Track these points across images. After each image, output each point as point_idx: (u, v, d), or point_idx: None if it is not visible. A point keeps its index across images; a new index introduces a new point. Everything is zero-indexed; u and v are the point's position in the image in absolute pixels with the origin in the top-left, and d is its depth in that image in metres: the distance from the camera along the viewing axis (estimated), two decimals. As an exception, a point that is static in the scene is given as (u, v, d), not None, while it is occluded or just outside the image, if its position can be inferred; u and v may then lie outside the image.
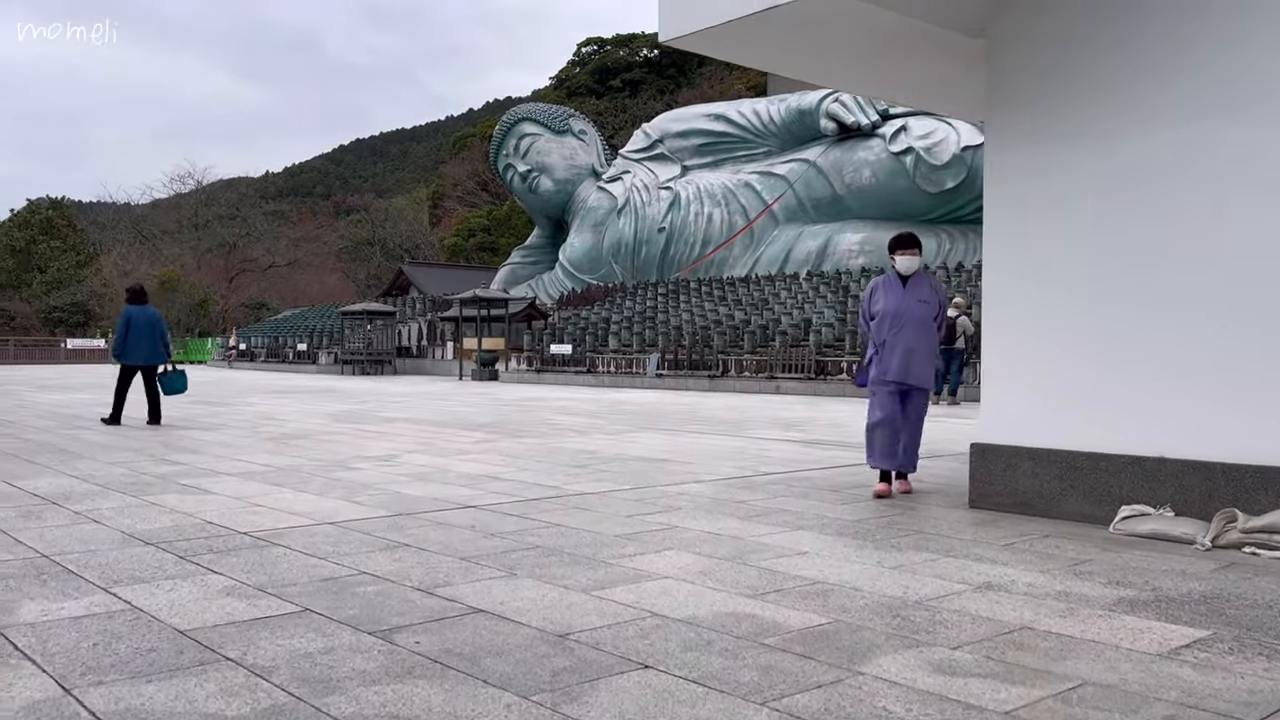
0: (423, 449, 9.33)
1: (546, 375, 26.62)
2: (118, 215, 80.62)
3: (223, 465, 7.94)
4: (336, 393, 21.23)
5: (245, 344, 45.65)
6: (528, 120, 47.20)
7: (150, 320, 12.08)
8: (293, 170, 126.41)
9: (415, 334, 38.50)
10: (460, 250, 67.45)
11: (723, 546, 4.76)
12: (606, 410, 15.58)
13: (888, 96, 7.30)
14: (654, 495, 6.44)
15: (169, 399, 13.66)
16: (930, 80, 6.62)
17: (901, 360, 6.37)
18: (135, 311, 12.03)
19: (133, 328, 11.92)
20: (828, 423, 13.03)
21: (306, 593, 3.85)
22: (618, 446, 9.66)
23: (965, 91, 6.60)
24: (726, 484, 6.99)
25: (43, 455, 8.65)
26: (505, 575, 4.15)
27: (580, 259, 43.03)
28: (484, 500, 6.19)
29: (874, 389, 6.54)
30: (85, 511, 5.68)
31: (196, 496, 6.28)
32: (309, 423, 12.49)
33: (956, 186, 30.77)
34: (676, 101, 67.25)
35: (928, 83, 6.66)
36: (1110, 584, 4.10)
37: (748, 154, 39.74)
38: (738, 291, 30.17)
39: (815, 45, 6.25)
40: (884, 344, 6.44)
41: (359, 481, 7.02)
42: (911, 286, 6.48)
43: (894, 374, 6.40)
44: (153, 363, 12.10)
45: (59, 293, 60.80)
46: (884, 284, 6.60)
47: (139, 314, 12.03)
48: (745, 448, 9.66)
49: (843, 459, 8.69)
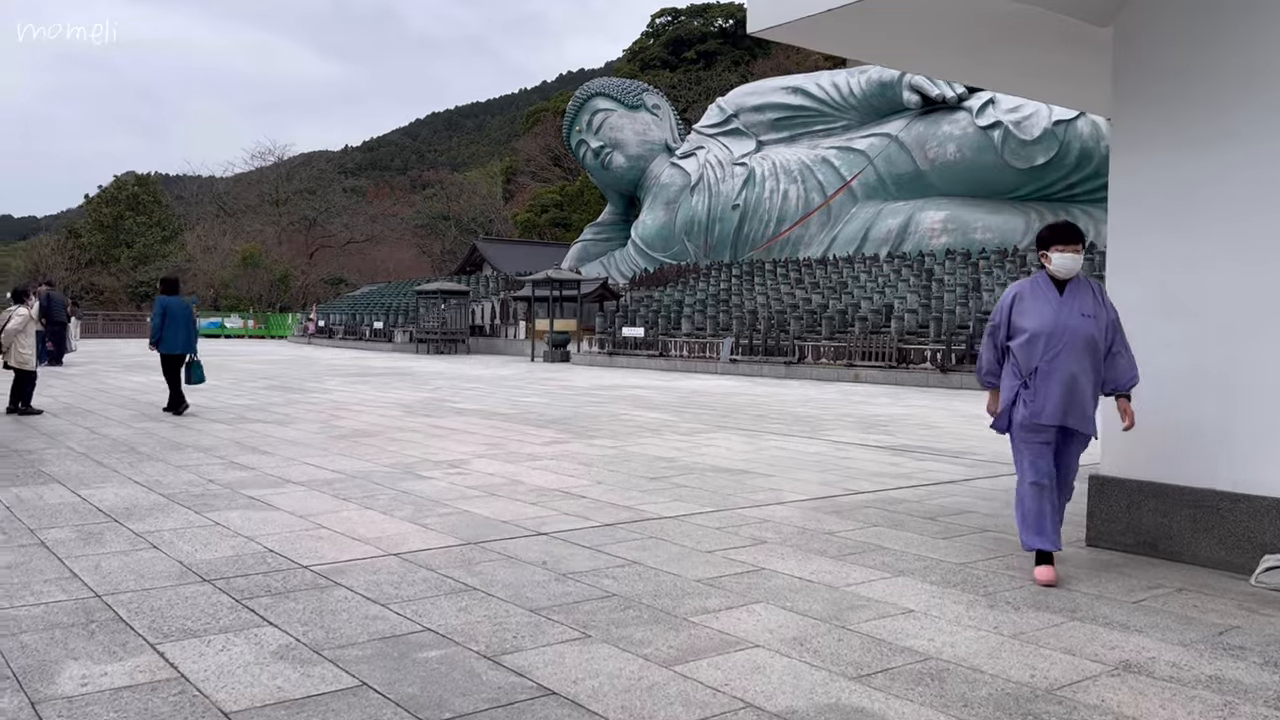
0: (492, 452, 9.04)
1: (619, 359, 26.30)
2: (201, 190, 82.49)
3: (291, 471, 7.75)
4: (410, 376, 21.21)
5: (324, 320, 46.32)
6: (601, 95, 46.69)
7: (185, 310, 12.25)
8: (370, 144, 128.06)
9: (488, 313, 38.53)
10: (533, 226, 67.47)
11: (816, 600, 4.32)
12: (680, 402, 15.18)
13: (996, 86, 6.69)
14: (735, 522, 6.02)
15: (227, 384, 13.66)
16: (1047, 70, 6.00)
17: (1062, 396, 4.68)
18: (172, 301, 12.16)
19: (170, 317, 12.04)
20: (914, 422, 12.44)
21: (365, 658, 3.53)
22: (693, 452, 9.25)
23: (1085, 82, 5.97)
24: (813, 508, 6.53)
25: (114, 455, 8.58)
26: (579, 637, 3.78)
27: (652, 236, 42.54)
28: (555, 525, 5.84)
29: (1023, 437, 4.81)
30: (146, 533, 5.47)
31: (261, 514, 6.06)
32: (381, 415, 12.33)
33: (1047, 162, 29.45)
34: (751, 73, 66.03)
35: (1044, 72, 6.05)
36: (1267, 665, 3.57)
37: (825, 128, 38.70)
38: (815, 273, 29.40)
39: (921, 34, 5.69)
40: (1035, 373, 4.73)
41: (427, 496, 6.73)
42: (1071, 294, 4.77)
43: (1052, 415, 4.71)
44: (188, 351, 12.22)
45: (145, 267, 62.48)
46: (1031, 290, 4.84)
47: (175, 303, 12.17)
48: (827, 455, 9.17)
49: (935, 473, 8.15)
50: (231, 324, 55.29)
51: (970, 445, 10.01)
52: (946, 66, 6.34)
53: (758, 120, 41.29)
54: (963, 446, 9.91)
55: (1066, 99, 6.90)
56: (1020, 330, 4.82)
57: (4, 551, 5.03)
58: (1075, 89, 6.27)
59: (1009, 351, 4.90)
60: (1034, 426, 4.76)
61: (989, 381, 5.07)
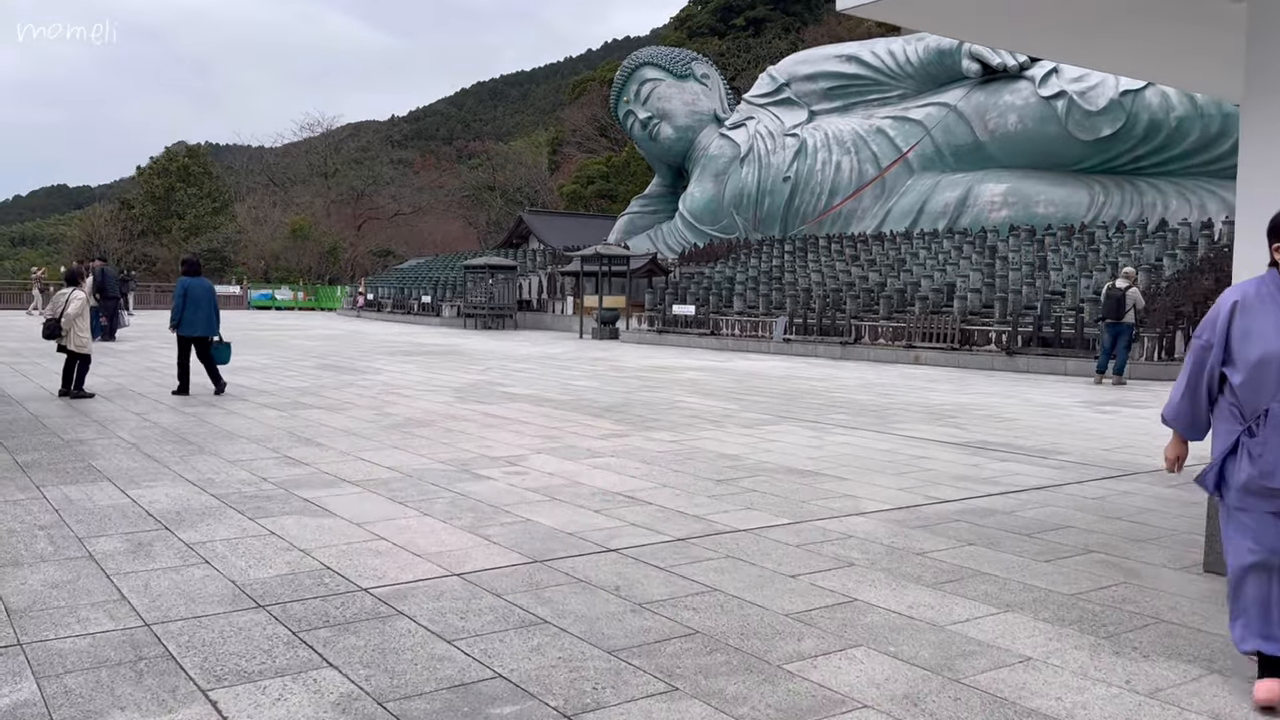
0: (550, 446, 8.73)
1: (668, 336, 25.90)
2: (250, 160, 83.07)
3: (346, 468, 7.49)
4: (459, 355, 21.01)
5: (373, 294, 46.42)
6: (649, 65, 45.93)
7: (207, 291, 12.15)
8: (416, 114, 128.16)
9: (535, 287, 38.29)
10: (579, 198, 67.02)
11: (922, 644, 3.92)
12: (736, 387, 14.77)
13: (1107, 68, 6.15)
14: (816, 537, 5.63)
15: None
16: (1168, 50, 5.46)
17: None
18: (193, 283, 12.07)
19: (190, 298, 11.96)
20: (985, 413, 11.91)
21: (433, 713, 3.21)
22: (758, 448, 8.86)
23: (1212, 63, 5.42)
24: (897, 520, 6.11)
25: (165, 446, 8.40)
26: (665, 690, 3.43)
27: (700, 209, 41.89)
28: (624, 539, 5.50)
29: (1244, 503, 3.48)
30: (197, 544, 5.22)
31: (316, 520, 5.79)
32: (432, 401, 12.09)
33: (1114, 134, 28.34)
34: (802, 40, 64.66)
35: (1164, 53, 5.50)
36: None
37: (880, 98, 37.70)
38: (871, 250, 28.65)
39: (1029, 10, 5.19)
40: (1265, 417, 3.41)
41: (486, 500, 6.43)
42: None
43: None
44: (209, 334, 12.15)
45: (196, 239, 63.03)
46: (1259, 298, 3.50)
47: (196, 285, 12.08)
48: (900, 453, 8.72)
49: (1021, 477, 7.68)
50: (282, 296, 55.69)
51: (1052, 442, 9.50)
52: (1053, 47, 5.82)
53: (810, 89, 40.35)
54: (1044, 443, 9.41)
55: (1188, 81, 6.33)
56: (1244, 356, 3.46)
57: (52, 566, 4.80)
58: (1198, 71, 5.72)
59: (1224, 382, 3.57)
60: (1264, 491, 3.41)
61: (1181, 421, 3.73)
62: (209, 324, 12.13)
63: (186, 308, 11.96)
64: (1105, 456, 8.70)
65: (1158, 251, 20.67)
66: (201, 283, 12.17)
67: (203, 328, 12.07)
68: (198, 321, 12.02)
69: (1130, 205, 28.20)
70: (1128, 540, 5.67)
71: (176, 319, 12.01)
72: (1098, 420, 11.27)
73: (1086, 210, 28.60)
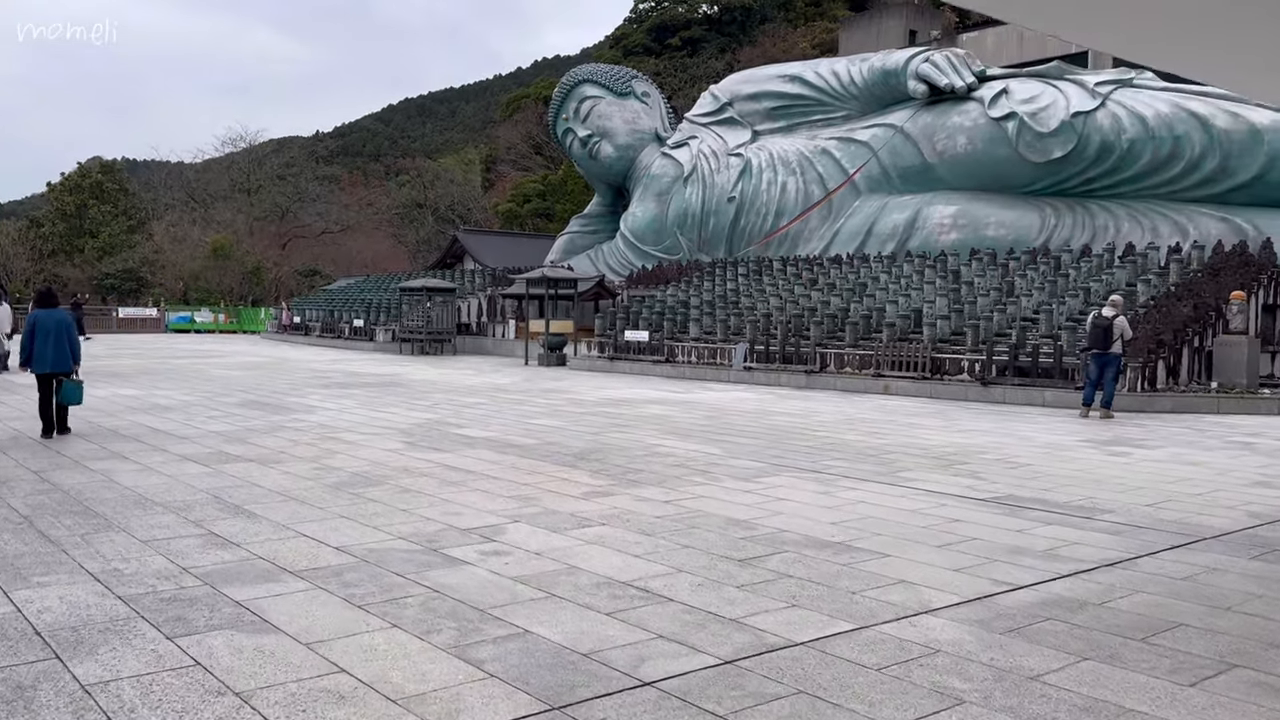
0: (526, 510, 7.49)
1: (620, 364, 24.73)
2: (169, 176, 79.87)
3: (285, 550, 6.17)
4: (401, 387, 19.56)
5: (300, 316, 44.36)
6: (588, 82, 44.88)
7: (58, 323, 11.03)
8: (342, 130, 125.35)
9: (475, 310, 36.82)
10: (515, 216, 65.60)
11: None
12: (710, 424, 13.67)
13: (1208, 77, 5.21)
14: (892, 651, 4.52)
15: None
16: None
17: None
18: (44, 315, 11.00)
19: (39, 331, 10.88)
20: (991, 456, 10.99)
21: None
22: (767, 510, 7.74)
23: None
24: (978, 620, 5.03)
25: (64, 519, 6.97)
26: None
27: (643, 229, 40.87)
28: (657, 664, 4.31)
29: None
30: (97, 687, 3.89)
31: (254, 640, 4.49)
32: (380, 449, 10.74)
33: (1065, 156, 28.08)
34: (738, 60, 64.40)
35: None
36: None
37: (824, 118, 37.20)
38: (829, 273, 27.87)
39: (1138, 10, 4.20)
40: None
41: (468, 601, 5.18)
42: None
43: None
44: (60, 370, 11.03)
45: (110, 259, 60.01)
46: None
47: (47, 317, 11.00)
48: (927, 514, 7.69)
49: (1081, 548, 6.68)
50: (202, 318, 53.17)
51: (1086, 496, 8.56)
52: (1157, 52, 4.85)
53: (753, 109, 39.73)
54: (1077, 498, 8.47)
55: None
56: None
57: (-117, 742, 3.45)
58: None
59: None
60: None
61: None
62: (59, 359, 10.97)
63: (35, 341, 10.85)
64: (1152, 515, 7.79)
65: (1129, 276, 20.19)
66: (53, 314, 11.09)
67: (51, 363, 10.93)
68: (46, 357, 10.90)
69: (1082, 228, 27.96)
70: (1264, 646, 4.68)
71: (25, 355, 10.90)
72: (1114, 465, 10.42)
73: (1038, 233, 28.28)
